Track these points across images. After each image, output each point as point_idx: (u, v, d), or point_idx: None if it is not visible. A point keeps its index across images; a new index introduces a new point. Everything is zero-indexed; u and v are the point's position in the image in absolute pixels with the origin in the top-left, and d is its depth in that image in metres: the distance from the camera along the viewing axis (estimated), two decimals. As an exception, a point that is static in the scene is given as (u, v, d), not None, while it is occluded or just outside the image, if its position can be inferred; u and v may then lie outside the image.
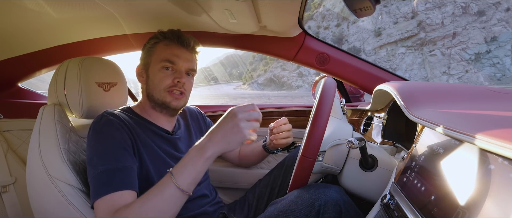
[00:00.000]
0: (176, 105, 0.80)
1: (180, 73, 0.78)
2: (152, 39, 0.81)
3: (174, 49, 0.78)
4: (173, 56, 0.77)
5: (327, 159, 0.77)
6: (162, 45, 0.79)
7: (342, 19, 47.06)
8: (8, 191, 1.16)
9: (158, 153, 0.76)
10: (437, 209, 0.38)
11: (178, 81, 0.78)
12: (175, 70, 0.78)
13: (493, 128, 0.36)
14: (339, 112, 0.86)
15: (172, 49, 0.78)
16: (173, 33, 0.80)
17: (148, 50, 0.80)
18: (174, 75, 0.78)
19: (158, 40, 0.80)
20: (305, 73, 45.05)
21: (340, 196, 0.67)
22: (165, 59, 0.77)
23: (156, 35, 0.81)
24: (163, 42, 0.79)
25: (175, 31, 0.80)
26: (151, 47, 0.80)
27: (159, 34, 0.80)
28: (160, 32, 0.81)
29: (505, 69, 31.76)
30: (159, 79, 0.77)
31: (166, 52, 0.78)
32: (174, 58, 0.77)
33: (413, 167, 0.50)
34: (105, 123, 0.69)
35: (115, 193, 0.61)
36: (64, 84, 0.81)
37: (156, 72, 0.78)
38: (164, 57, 0.77)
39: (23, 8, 0.83)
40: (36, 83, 1.63)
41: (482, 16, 33.82)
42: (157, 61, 0.78)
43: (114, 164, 0.64)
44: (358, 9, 0.63)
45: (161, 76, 0.77)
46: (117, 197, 0.61)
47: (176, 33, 0.80)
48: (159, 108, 0.80)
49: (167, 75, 0.77)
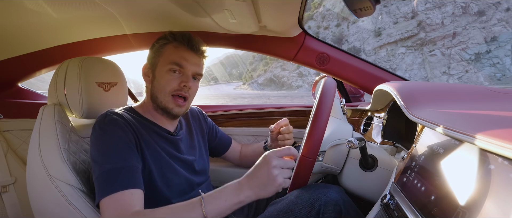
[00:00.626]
0: (177, 112, 0.80)
1: (187, 77, 0.78)
2: (161, 40, 0.80)
3: (183, 52, 0.78)
4: (182, 60, 0.77)
5: (327, 159, 0.77)
6: (171, 47, 0.78)
7: (342, 19, 47.04)
8: (8, 191, 1.16)
9: (160, 153, 0.76)
10: (437, 209, 0.38)
11: (184, 85, 0.77)
12: (183, 73, 0.78)
13: (493, 128, 0.36)
14: (339, 112, 0.86)
15: (181, 52, 0.78)
16: (184, 36, 0.79)
17: (157, 51, 0.79)
18: (181, 78, 0.78)
19: (167, 41, 0.79)
20: (305, 73, 45.03)
21: (340, 196, 0.67)
22: (173, 62, 0.76)
23: (166, 35, 0.80)
24: (173, 44, 0.78)
25: (185, 34, 0.79)
26: (160, 48, 0.79)
27: (169, 35, 0.79)
28: (170, 33, 0.79)
29: (505, 69, 31.74)
30: (165, 81, 0.77)
31: (175, 54, 0.77)
32: (183, 62, 0.77)
33: (413, 167, 0.50)
34: (109, 122, 0.69)
35: (122, 191, 0.61)
36: (64, 84, 0.81)
37: (163, 74, 0.77)
38: (173, 60, 0.77)
39: (23, 8, 0.83)
40: (36, 83, 1.63)
41: (482, 16, 33.82)
42: (165, 63, 0.77)
43: (120, 163, 0.64)
44: (358, 9, 0.63)
45: (168, 79, 0.77)
46: (124, 196, 0.61)
47: (186, 36, 0.79)
48: (161, 111, 0.80)
49: (174, 78, 0.77)
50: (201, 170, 0.88)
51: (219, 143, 1.05)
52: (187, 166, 0.83)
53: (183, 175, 0.80)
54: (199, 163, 0.88)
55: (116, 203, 0.60)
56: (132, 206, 0.60)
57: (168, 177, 0.76)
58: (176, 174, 0.78)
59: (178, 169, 0.79)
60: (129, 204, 0.60)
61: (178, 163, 0.80)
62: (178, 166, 0.80)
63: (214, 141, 1.03)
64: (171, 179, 0.77)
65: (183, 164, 0.82)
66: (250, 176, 0.59)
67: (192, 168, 0.84)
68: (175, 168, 0.78)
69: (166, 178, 0.76)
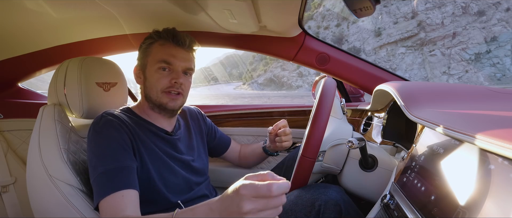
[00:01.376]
0: (173, 106, 0.79)
1: (177, 73, 0.78)
2: (148, 39, 0.80)
3: (170, 48, 0.77)
4: (169, 56, 0.77)
5: (327, 159, 0.77)
6: (157, 45, 0.78)
7: (342, 19, 47.04)
8: (8, 191, 1.16)
9: (158, 154, 0.76)
10: (437, 209, 0.38)
11: (175, 82, 0.77)
12: (172, 70, 0.78)
13: (493, 128, 0.36)
14: (339, 112, 0.86)
15: (168, 49, 0.77)
16: (168, 32, 0.78)
17: (144, 51, 0.80)
18: (171, 75, 0.77)
19: (153, 40, 0.79)
20: (305, 73, 45.04)
21: (340, 196, 0.67)
22: (161, 60, 0.76)
23: (151, 35, 0.80)
24: (158, 42, 0.78)
25: (170, 30, 0.79)
26: (147, 48, 0.79)
27: (154, 34, 0.79)
28: (155, 32, 0.79)
29: (505, 69, 31.74)
30: (156, 80, 0.77)
31: (162, 52, 0.77)
32: (170, 58, 0.77)
33: (413, 167, 0.50)
34: (104, 124, 0.70)
35: (116, 193, 0.61)
36: (64, 84, 0.81)
37: (153, 73, 0.77)
38: (160, 58, 0.76)
39: (23, 8, 0.83)
40: (36, 83, 1.63)
41: (482, 16, 33.81)
42: (154, 62, 0.77)
43: (113, 164, 0.65)
44: (358, 9, 0.63)
45: (158, 77, 0.77)
46: (118, 197, 0.61)
47: (171, 32, 0.78)
48: (158, 109, 0.80)
49: (163, 76, 0.77)
50: (200, 170, 0.87)
51: (218, 143, 1.05)
52: (185, 166, 0.83)
53: (181, 175, 0.80)
54: (197, 163, 0.88)
55: (109, 205, 0.60)
56: (122, 209, 0.60)
57: (166, 177, 0.76)
58: (174, 174, 0.78)
59: (176, 169, 0.79)
60: (121, 205, 0.60)
61: (176, 163, 0.80)
62: (176, 166, 0.80)
63: (214, 141, 1.03)
64: (169, 179, 0.76)
65: (181, 164, 0.82)
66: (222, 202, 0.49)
67: (191, 168, 0.84)
68: (173, 168, 0.78)
69: (163, 178, 0.76)
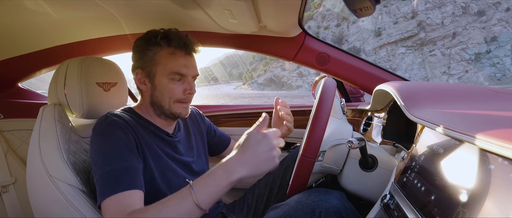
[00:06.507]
0: (186, 114, 0.81)
1: (189, 83, 0.78)
2: (155, 47, 0.75)
3: (181, 59, 0.76)
4: (182, 67, 0.75)
5: (327, 159, 0.77)
6: (166, 54, 0.75)
7: (342, 19, 47.02)
8: (8, 191, 1.16)
9: (160, 155, 0.77)
10: (437, 209, 0.38)
11: (189, 93, 0.78)
12: (184, 80, 0.78)
13: (493, 128, 0.36)
14: (339, 112, 0.86)
15: (179, 59, 0.75)
16: (180, 40, 0.75)
17: (151, 59, 0.75)
18: (183, 86, 0.77)
19: (160, 47, 0.75)
20: (305, 73, 45.02)
21: (342, 203, 0.66)
22: (174, 72, 0.75)
23: (158, 41, 0.74)
24: (167, 50, 0.75)
25: (181, 37, 0.76)
26: (154, 55, 0.75)
27: (162, 41, 0.74)
28: (163, 38, 0.75)
29: (505, 69, 31.72)
30: (168, 90, 0.76)
31: (174, 63, 0.75)
32: (183, 70, 0.76)
33: (413, 167, 0.50)
34: (109, 124, 0.69)
35: (123, 192, 0.61)
36: (64, 84, 0.81)
37: (165, 83, 0.76)
38: (173, 69, 0.75)
39: (23, 8, 0.83)
40: (36, 83, 1.63)
41: (482, 16, 33.80)
42: (165, 72, 0.75)
43: (120, 164, 0.64)
44: (358, 9, 0.63)
45: (171, 88, 0.76)
46: (125, 197, 0.61)
47: (183, 39, 0.76)
48: (164, 116, 0.80)
49: (177, 86, 0.77)
50: (200, 171, 0.88)
51: (218, 141, 1.05)
52: (185, 167, 0.83)
53: (182, 176, 0.80)
54: (197, 164, 0.88)
55: (116, 204, 0.60)
56: (131, 207, 0.60)
57: (168, 177, 0.76)
58: (175, 174, 0.78)
59: (177, 170, 0.79)
60: (128, 205, 0.60)
61: (177, 164, 0.80)
62: (177, 167, 0.80)
63: (214, 138, 1.04)
64: (171, 179, 0.77)
65: (182, 165, 0.82)
66: (243, 153, 0.57)
67: (190, 169, 0.84)
68: (174, 169, 0.79)
69: (166, 178, 0.76)
